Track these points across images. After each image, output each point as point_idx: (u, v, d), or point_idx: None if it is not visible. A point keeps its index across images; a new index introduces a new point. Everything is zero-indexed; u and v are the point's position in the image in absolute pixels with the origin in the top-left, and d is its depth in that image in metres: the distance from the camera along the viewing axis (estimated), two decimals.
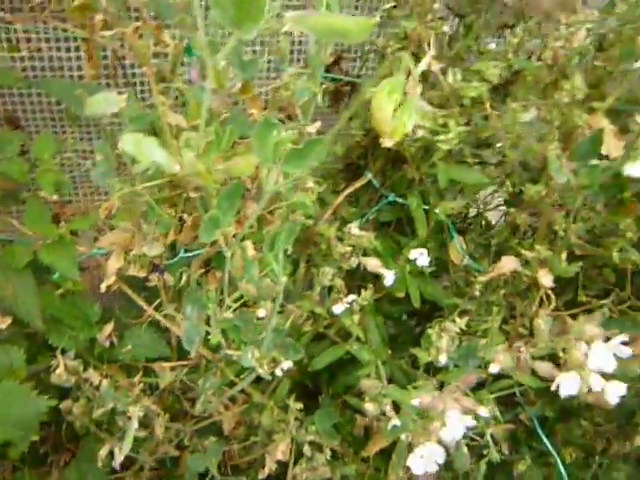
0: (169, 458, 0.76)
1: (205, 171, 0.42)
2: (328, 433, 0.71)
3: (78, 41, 0.58)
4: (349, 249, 0.60)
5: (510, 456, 0.73)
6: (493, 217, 0.97)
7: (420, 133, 0.55)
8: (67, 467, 0.73)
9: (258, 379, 0.61)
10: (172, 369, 0.72)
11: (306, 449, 0.68)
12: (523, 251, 0.70)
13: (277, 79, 0.54)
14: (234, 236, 0.52)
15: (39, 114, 0.80)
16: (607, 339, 0.52)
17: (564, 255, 0.65)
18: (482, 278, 0.68)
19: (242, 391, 0.71)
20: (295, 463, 0.69)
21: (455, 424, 0.51)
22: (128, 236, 0.66)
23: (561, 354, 0.48)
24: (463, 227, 0.93)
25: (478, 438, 0.62)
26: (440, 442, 0.52)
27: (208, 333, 0.59)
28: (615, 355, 0.45)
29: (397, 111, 0.31)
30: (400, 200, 0.73)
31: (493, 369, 0.51)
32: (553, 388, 0.46)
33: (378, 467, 0.75)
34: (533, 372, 0.52)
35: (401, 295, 0.75)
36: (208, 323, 0.60)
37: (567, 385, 0.46)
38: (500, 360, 0.49)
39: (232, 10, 0.37)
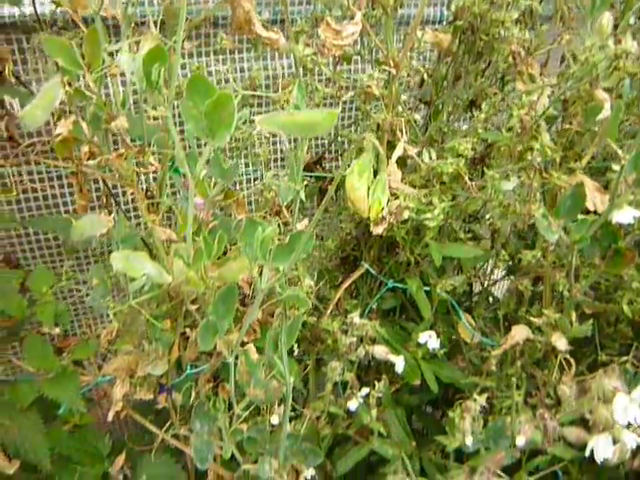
0: None
1: (196, 278, 0.43)
2: None
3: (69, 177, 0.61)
4: (354, 339, 0.59)
5: None
6: (501, 289, 0.97)
7: (406, 215, 0.56)
8: None
9: None
10: None
11: None
12: (532, 319, 0.69)
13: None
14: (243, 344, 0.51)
15: (38, 252, 0.82)
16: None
17: (574, 315, 0.64)
18: (496, 352, 0.66)
19: None
20: None
21: None
22: (131, 359, 0.65)
23: (588, 416, 0.46)
24: (470, 305, 0.92)
25: None
26: None
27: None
28: None
29: (370, 188, 0.31)
30: (400, 285, 0.73)
31: (520, 442, 0.48)
32: (587, 454, 0.44)
33: None
34: (565, 442, 0.49)
35: (417, 382, 0.72)
36: (221, 437, 0.57)
37: (601, 448, 0.43)
38: (526, 431, 0.47)
39: (205, 121, 0.39)
